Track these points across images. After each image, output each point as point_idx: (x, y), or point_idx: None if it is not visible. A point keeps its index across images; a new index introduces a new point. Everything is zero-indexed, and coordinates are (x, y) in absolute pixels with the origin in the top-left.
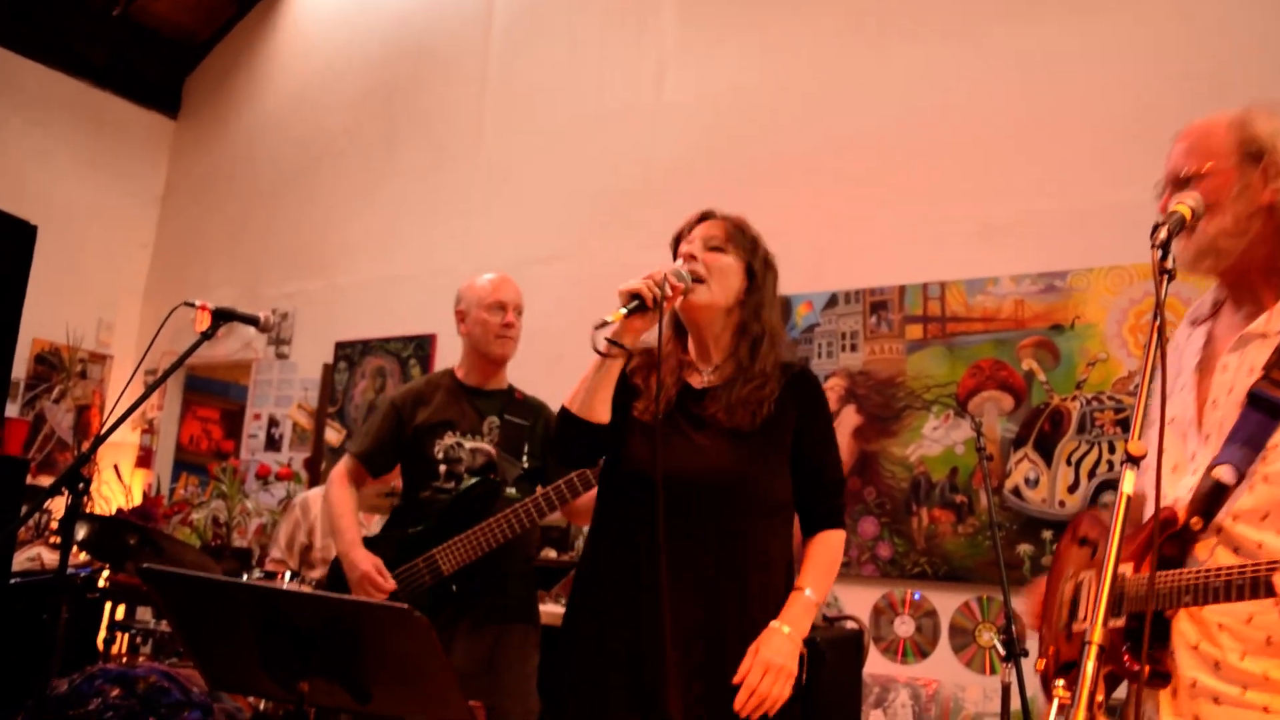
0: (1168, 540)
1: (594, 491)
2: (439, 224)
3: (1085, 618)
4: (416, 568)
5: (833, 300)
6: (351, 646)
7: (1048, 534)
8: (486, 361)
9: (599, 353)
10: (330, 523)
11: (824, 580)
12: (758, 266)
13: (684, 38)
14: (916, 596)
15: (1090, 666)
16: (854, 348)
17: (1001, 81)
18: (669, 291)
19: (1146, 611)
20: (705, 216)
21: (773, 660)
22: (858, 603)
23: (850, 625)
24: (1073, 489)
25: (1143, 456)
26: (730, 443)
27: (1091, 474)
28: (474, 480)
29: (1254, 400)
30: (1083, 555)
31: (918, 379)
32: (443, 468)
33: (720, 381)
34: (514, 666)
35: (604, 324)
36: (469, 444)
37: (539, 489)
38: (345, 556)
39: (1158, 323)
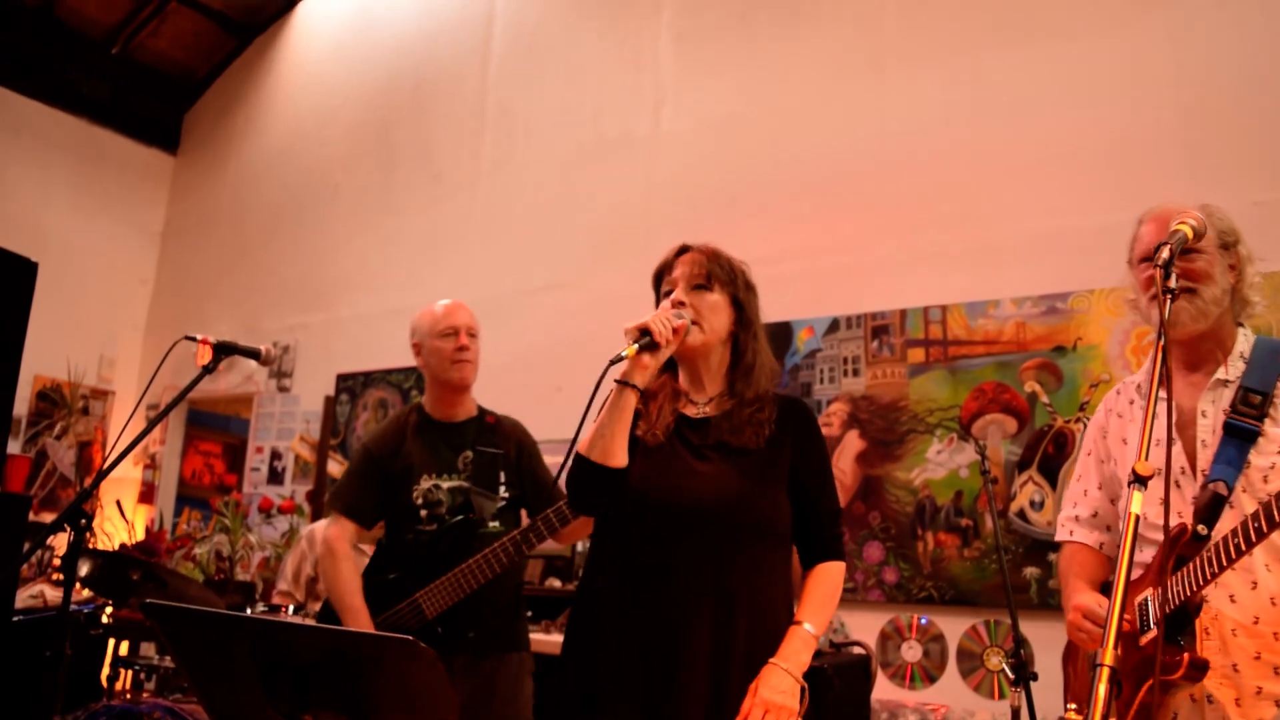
0: (1183, 547)
1: (579, 520)
2: (438, 255)
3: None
4: (401, 613)
5: (834, 325)
6: (356, 679)
7: (1054, 556)
8: (448, 390)
9: (617, 382)
10: (336, 601)
11: (823, 613)
12: (742, 295)
13: (681, 67)
14: (923, 621)
15: (1102, 689)
16: (856, 372)
17: (999, 105)
18: (676, 326)
19: (1183, 597)
20: (682, 251)
21: (773, 699)
22: (864, 628)
23: (857, 650)
24: None
25: (1150, 477)
26: (731, 468)
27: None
28: (453, 521)
29: (1229, 429)
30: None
31: (920, 402)
32: (424, 512)
33: (717, 411)
34: (512, 696)
35: (619, 359)
36: (447, 484)
37: (524, 517)
38: None
39: (1161, 343)
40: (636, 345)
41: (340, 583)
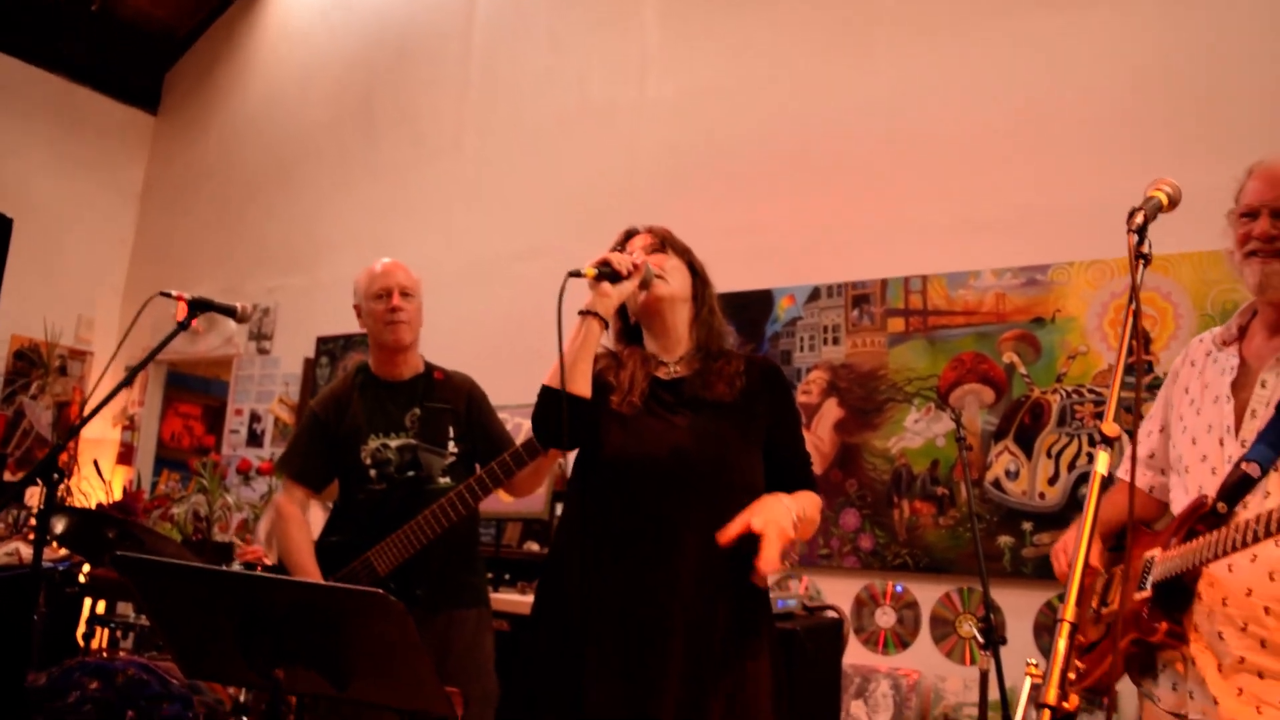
0: (1199, 520)
1: (530, 466)
2: (421, 219)
3: (1110, 601)
4: (354, 571)
5: (815, 294)
6: (328, 633)
7: (1028, 525)
8: (389, 351)
9: (581, 312)
10: (286, 561)
11: (809, 507)
12: (696, 262)
13: (667, 34)
14: (898, 589)
15: (1062, 644)
16: (836, 341)
17: (985, 78)
18: (636, 262)
19: (1180, 570)
20: (631, 234)
21: (769, 514)
22: (839, 594)
23: (830, 615)
24: (1052, 481)
25: (1116, 438)
26: (707, 421)
27: (1071, 466)
28: (401, 479)
29: None
30: (1110, 556)
31: (899, 372)
32: (373, 471)
33: (688, 370)
34: (469, 651)
35: (577, 273)
36: (395, 443)
37: (477, 469)
38: None
39: (1133, 306)
40: (595, 270)
41: (289, 543)
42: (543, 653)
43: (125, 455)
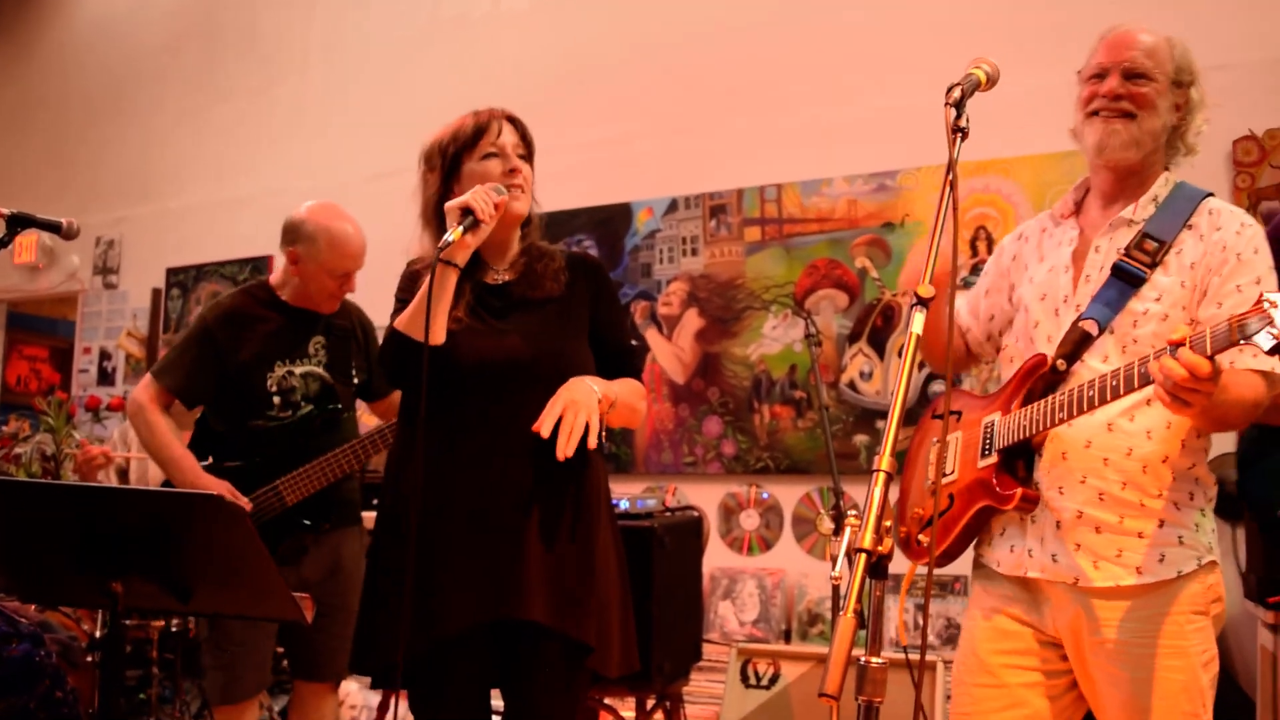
0: (1038, 380)
1: None
2: (270, 143)
3: (951, 471)
4: (258, 499)
5: (673, 205)
6: (165, 541)
7: (882, 424)
8: (310, 301)
9: (442, 260)
10: (158, 455)
11: (625, 392)
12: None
13: None
14: (764, 496)
15: (877, 492)
16: (695, 252)
17: None
18: (497, 202)
19: (1024, 435)
20: (504, 120)
21: (573, 395)
22: (704, 499)
23: (690, 513)
24: None
25: (931, 298)
26: (536, 320)
27: (922, 364)
28: (310, 409)
29: (1116, 271)
30: (939, 425)
31: (757, 280)
32: (277, 399)
33: (515, 274)
34: (356, 566)
35: (448, 245)
36: (300, 369)
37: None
38: (195, 486)
39: (950, 177)
40: (462, 228)
41: (159, 435)
42: (389, 576)
43: None
